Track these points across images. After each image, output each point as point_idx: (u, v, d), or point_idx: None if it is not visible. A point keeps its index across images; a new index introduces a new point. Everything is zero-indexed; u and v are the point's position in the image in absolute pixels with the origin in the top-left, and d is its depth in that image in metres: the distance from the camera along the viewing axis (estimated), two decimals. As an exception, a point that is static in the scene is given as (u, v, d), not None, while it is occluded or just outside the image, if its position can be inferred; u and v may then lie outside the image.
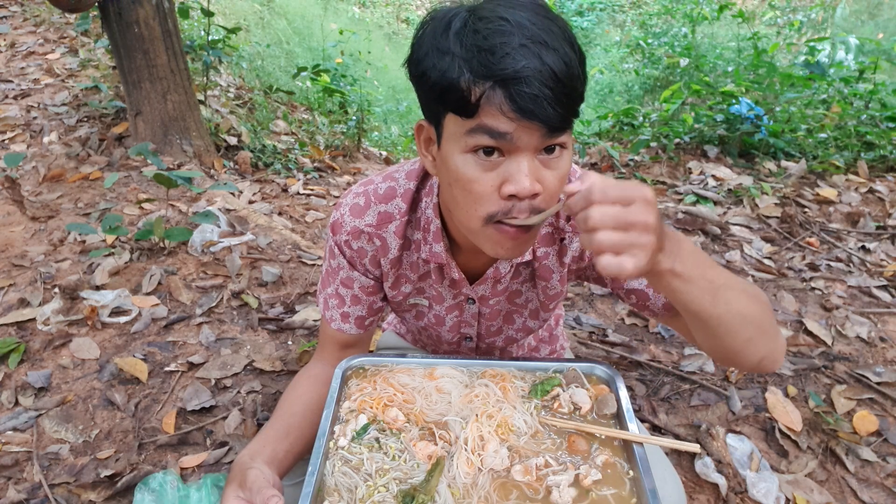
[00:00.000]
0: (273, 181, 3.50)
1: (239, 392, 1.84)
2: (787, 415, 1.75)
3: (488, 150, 0.75)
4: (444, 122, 0.78)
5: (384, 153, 4.91)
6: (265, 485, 0.79)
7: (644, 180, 3.76)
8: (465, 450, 0.84)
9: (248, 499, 0.79)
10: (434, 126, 0.82)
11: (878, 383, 1.88)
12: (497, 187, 0.77)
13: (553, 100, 0.71)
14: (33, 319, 2.06)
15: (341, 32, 6.08)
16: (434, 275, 1.04)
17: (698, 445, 0.77)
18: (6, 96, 3.92)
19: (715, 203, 3.29)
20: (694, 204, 3.25)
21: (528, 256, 0.99)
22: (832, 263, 2.63)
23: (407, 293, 1.09)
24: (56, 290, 2.18)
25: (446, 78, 0.73)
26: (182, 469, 1.59)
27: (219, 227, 2.63)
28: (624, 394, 0.93)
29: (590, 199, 0.65)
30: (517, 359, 1.27)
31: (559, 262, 1.01)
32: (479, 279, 1.03)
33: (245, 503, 0.80)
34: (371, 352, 1.22)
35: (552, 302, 1.08)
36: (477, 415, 0.88)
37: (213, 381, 1.87)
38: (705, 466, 1.56)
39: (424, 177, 1.00)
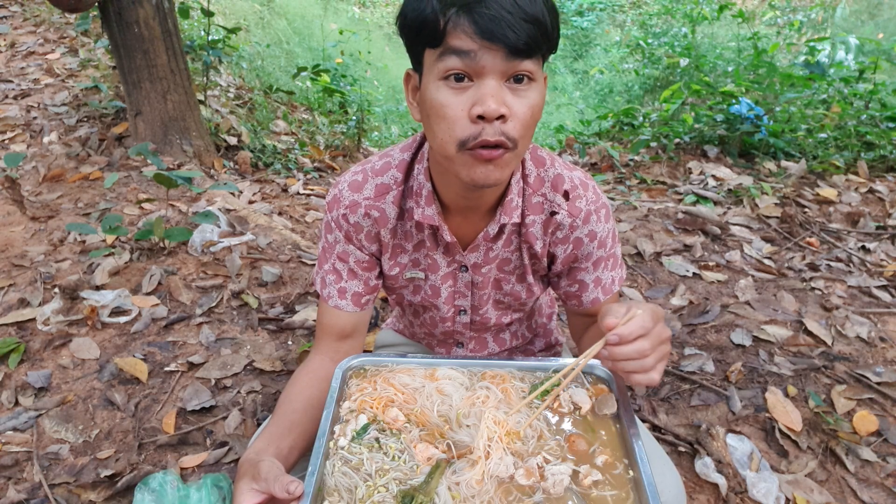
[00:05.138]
0: (273, 181, 3.50)
1: (239, 392, 1.84)
2: (787, 415, 1.75)
3: (459, 77, 0.81)
4: (423, 60, 0.85)
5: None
6: (281, 473, 0.78)
7: (644, 180, 3.76)
8: (484, 462, 0.82)
9: (263, 489, 0.77)
10: (417, 69, 0.88)
11: (878, 383, 1.88)
12: (467, 111, 0.81)
13: (513, 22, 0.76)
14: (33, 319, 2.06)
15: (341, 32, 6.08)
16: (429, 241, 1.08)
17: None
18: (6, 96, 3.92)
19: (715, 203, 3.29)
20: (694, 204, 3.25)
21: (516, 219, 1.02)
22: (832, 263, 2.63)
23: (404, 264, 1.12)
24: (56, 290, 2.18)
25: (419, 15, 0.80)
26: (182, 469, 1.59)
27: (219, 227, 2.63)
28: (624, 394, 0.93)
29: (625, 340, 0.78)
30: (517, 358, 1.27)
31: (544, 230, 1.06)
32: (470, 246, 1.07)
33: (261, 494, 0.78)
34: (370, 352, 1.22)
35: (535, 262, 1.12)
36: (488, 427, 0.87)
37: (213, 381, 1.87)
38: (705, 466, 1.56)
39: (418, 148, 1.04)
